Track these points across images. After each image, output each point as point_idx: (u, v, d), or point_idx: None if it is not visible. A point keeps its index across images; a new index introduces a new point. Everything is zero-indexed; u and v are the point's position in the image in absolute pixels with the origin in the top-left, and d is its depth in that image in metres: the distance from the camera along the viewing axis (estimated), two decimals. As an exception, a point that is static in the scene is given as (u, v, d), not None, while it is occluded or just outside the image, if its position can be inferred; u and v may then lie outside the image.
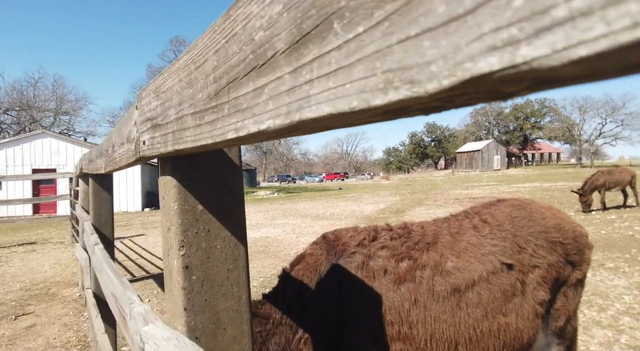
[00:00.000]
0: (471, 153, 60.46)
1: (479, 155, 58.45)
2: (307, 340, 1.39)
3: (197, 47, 0.55)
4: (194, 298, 0.86)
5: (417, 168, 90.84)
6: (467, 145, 65.70)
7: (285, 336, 1.41)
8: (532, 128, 67.15)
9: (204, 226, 0.89)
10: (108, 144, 1.65)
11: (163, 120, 0.73)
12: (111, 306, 1.55)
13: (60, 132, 36.16)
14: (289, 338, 1.41)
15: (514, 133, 69.59)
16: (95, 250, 2.20)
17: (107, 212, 3.23)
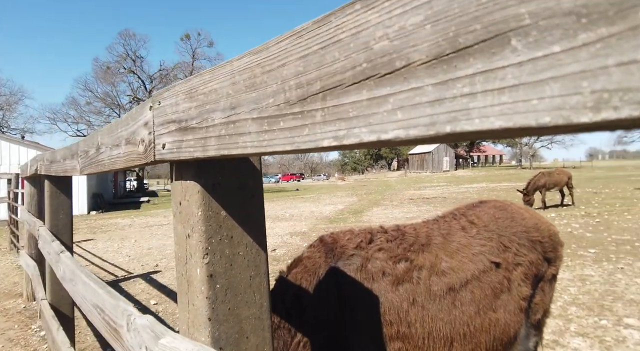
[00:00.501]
0: (422, 155, 62.83)
1: (430, 156, 60.88)
2: (306, 343, 1.38)
3: (267, 50, 0.53)
4: (218, 308, 0.83)
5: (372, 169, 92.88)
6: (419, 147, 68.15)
7: (284, 339, 1.39)
8: (478, 131, 70.57)
9: (227, 232, 0.86)
10: (88, 145, 1.54)
11: (201, 123, 0.69)
12: (93, 319, 1.45)
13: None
14: (287, 342, 1.40)
15: (462, 137, 72.81)
16: (61, 258, 2.04)
17: (65, 217, 3.01)
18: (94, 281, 1.50)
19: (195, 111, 0.72)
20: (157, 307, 4.77)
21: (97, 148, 1.41)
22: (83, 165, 1.63)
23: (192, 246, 0.85)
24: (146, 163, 0.95)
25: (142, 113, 0.97)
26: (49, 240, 2.58)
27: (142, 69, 35.64)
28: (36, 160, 3.08)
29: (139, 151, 0.99)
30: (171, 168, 0.93)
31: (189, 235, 0.86)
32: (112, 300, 1.26)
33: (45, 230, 2.84)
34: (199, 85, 0.71)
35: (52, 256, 2.34)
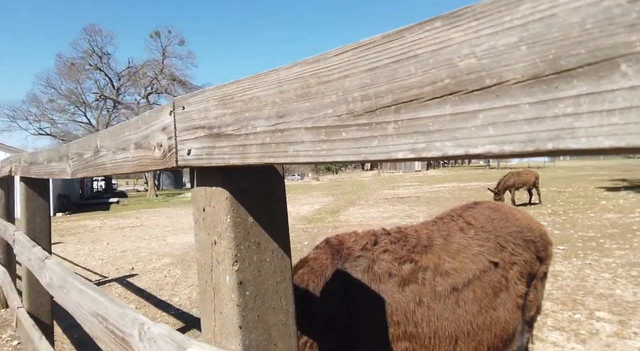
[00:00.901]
0: (395, 155, 63.68)
1: (403, 156, 61.83)
2: (312, 344, 1.39)
3: (324, 61, 0.54)
4: (248, 315, 0.83)
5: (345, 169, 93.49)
6: (392, 147, 68.95)
7: None
8: (449, 132, 72.59)
9: (254, 239, 0.86)
10: (83, 148, 1.48)
11: (238, 130, 0.69)
12: (93, 327, 1.40)
13: (-55, 126, 31.20)
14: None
15: (433, 137, 74.58)
16: (47, 264, 1.96)
17: (42, 221, 2.88)
18: (92, 289, 1.46)
19: (231, 118, 0.71)
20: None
21: (95, 152, 1.36)
22: (76, 168, 1.57)
23: (220, 253, 0.84)
24: (165, 168, 0.93)
25: (158, 117, 0.94)
26: (29, 245, 2.46)
27: (109, 66, 34.42)
28: (10, 162, 2.93)
29: (154, 156, 0.97)
30: (192, 174, 0.92)
31: (215, 242, 0.85)
32: (117, 308, 1.23)
33: (23, 235, 2.71)
34: (236, 92, 0.70)
35: (34, 262, 2.24)
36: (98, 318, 1.34)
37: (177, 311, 4.66)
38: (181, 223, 13.18)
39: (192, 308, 4.75)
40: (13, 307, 2.99)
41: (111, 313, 1.24)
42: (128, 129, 1.12)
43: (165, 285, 5.74)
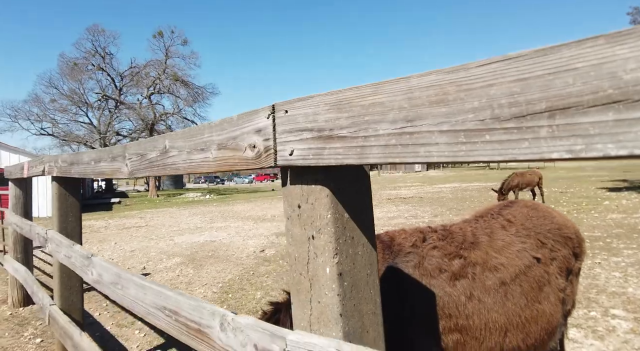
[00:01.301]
0: (395, 156, 63.89)
1: (402, 157, 62.03)
2: None
3: (465, 71, 0.59)
4: (346, 304, 0.88)
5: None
6: (392, 148, 69.20)
7: None
8: (448, 133, 72.99)
9: (349, 233, 0.91)
10: (145, 149, 1.54)
11: (356, 133, 0.74)
12: (158, 320, 1.45)
13: (-54, 126, 31.17)
14: None
15: (433, 138, 74.92)
16: (95, 261, 2.01)
17: (74, 220, 2.93)
18: (157, 284, 1.51)
19: (346, 121, 0.77)
20: (155, 311, 4.68)
21: (162, 152, 1.42)
22: (135, 167, 1.62)
23: (319, 246, 0.89)
24: (259, 167, 0.99)
25: (252, 120, 1.00)
26: (67, 243, 2.51)
27: (111, 66, 34.44)
28: (42, 162, 2.98)
29: (245, 156, 1.02)
30: (284, 174, 0.97)
31: (313, 236, 0.91)
32: (191, 301, 1.28)
33: (58, 234, 2.76)
34: (354, 98, 0.76)
35: (75, 260, 2.29)
36: (165, 311, 1.40)
37: (195, 309, 4.71)
38: (186, 223, 13.22)
39: (209, 306, 4.79)
40: (44, 305, 3.04)
41: (183, 306, 1.30)
42: (209, 131, 1.18)
43: (179, 285, 5.79)
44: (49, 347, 3.76)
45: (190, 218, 14.69)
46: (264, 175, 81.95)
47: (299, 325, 0.96)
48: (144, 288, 1.53)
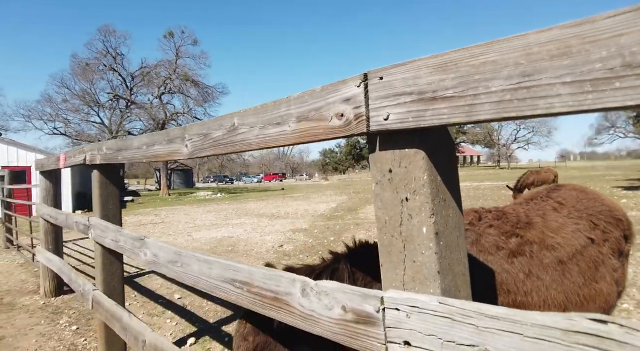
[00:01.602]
0: (404, 155, 63.62)
1: (412, 156, 61.74)
2: None
3: (591, 24, 0.63)
4: (443, 262, 0.92)
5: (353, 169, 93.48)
6: (400, 147, 68.91)
7: None
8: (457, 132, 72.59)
9: (442, 196, 0.95)
10: (209, 128, 1.59)
11: (463, 92, 0.78)
12: (226, 293, 1.50)
13: (-37, 126, 31.80)
14: None
15: (442, 137, 74.50)
16: (148, 243, 2.08)
17: (114, 207, 3.01)
18: (223, 258, 1.56)
19: (452, 82, 0.81)
20: (183, 301, 4.77)
21: (230, 130, 1.47)
22: (197, 147, 1.67)
23: (413, 208, 0.94)
24: (347, 135, 1.04)
25: (338, 90, 1.05)
26: (114, 228, 2.59)
27: (122, 66, 34.79)
28: (83, 151, 3.06)
29: (332, 125, 1.07)
30: (372, 140, 1.02)
31: (407, 199, 0.95)
32: (265, 271, 1.33)
33: (100, 220, 2.84)
34: (462, 58, 0.80)
35: (124, 243, 2.36)
36: (235, 284, 1.45)
37: (223, 300, 4.78)
38: (201, 220, 13.35)
39: (235, 297, 4.86)
40: (86, 290, 3.12)
41: (256, 277, 1.35)
42: (286, 105, 1.22)
43: (203, 277, 5.87)
44: (85, 334, 3.85)
45: (204, 215, 14.83)
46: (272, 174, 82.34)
47: (389, 285, 1.00)
48: (210, 263, 1.59)
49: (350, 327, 1.04)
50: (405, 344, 0.92)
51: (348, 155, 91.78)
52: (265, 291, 1.32)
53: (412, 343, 0.90)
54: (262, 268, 1.35)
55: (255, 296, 1.36)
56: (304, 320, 1.19)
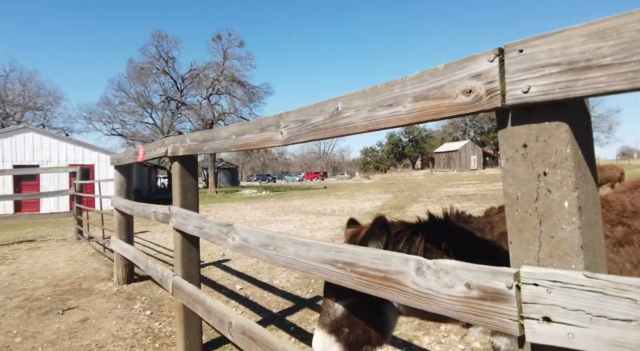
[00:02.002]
0: (449, 154, 61.96)
1: (457, 155, 60.00)
2: None
3: None
4: (585, 238, 0.90)
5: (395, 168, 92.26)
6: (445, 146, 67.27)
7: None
8: (506, 129, 69.53)
9: (582, 170, 0.93)
10: (307, 114, 1.64)
11: (626, 58, 0.76)
12: (326, 274, 1.54)
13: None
14: None
15: (489, 134, 71.81)
16: (238, 228, 2.17)
17: (193, 197, 3.17)
18: (322, 241, 1.61)
19: (611, 49, 0.79)
20: (245, 292, 4.94)
21: (332, 114, 1.51)
22: (294, 133, 1.73)
23: (553, 182, 0.92)
24: (476, 111, 1.04)
25: (466, 67, 1.05)
26: (198, 216, 2.73)
27: (174, 69, 36.50)
28: (164, 144, 3.25)
29: (458, 102, 1.07)
30: (503, 116, 1.01)
31: (545, 173, 0.93)
32: (372, 251, 1.35)
33: (183, 209, 3.00)
34: (623, 24, 0.77)
35: (209, 229, 2.48)
36: (337, 264, 1.48)
37: (282, 292, 4.90)
38: (251, 216, 13.72)
39: (294, 289, 4.96)
40: (164, 276, 3.31)
41: (363, 257, 1.37)
42: (400, 86, 1.24)
43: (261, 270, 6.04)
44: (159, 318, 4.08)
45: (253, 212, 15.23)
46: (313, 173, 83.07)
47: (520, 262, 0.99)
48: (308, 245, 1.64)
49: (475, 304, 1.04)
50: (545, 320, 0.90)
51: (390, 153, 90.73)
52: (372, 271, 1.34)
53: (554, 318, 0.88)
54: (369, 249, 1.38)
55: (361, 277, 1.38)
56: (418, 299, 1.20)
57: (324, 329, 1.55)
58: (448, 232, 1.61)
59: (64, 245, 9.00)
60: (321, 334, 1.55)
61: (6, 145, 18.55)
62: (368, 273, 1.36)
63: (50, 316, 4.25)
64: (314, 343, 1.57)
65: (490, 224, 1.61)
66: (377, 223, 1.56)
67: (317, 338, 1.56)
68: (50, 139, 19.58)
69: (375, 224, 1.56)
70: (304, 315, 4.07)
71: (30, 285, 5.57)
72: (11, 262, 7.28)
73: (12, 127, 19.95)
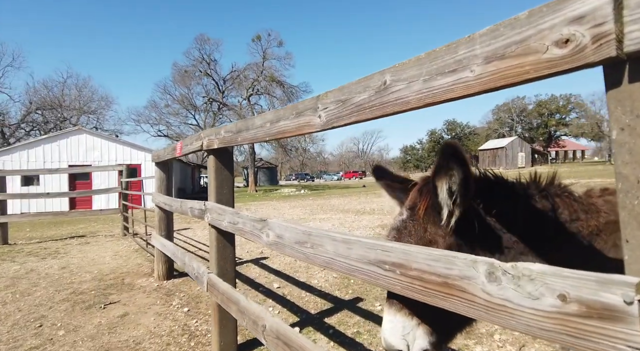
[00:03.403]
0: (494, 151, 59.36)
1: (503, 152, 57.33)
2: None
3: None
4: None
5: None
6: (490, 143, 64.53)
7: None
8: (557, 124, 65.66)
9: None
10: (349, 92, 1.42)
11: None
12: (370, 276, 1.32)
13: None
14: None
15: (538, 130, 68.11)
16: (272, 223, 2.00)
17: (228, 192, 3.05)
18: (366, 237, 1.39)
19: None
20: (282, 291, 4.80)
21: (378, 90, 1.28)
22: (334, 116, 1.52)
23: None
24: (575, 66, 0.78)
25: (560, 10, 0.79)
26: (232, 211, 2.59)
27: (215, 71, 37.47)
28: (200, 137, 3.15)
29: (549, 57, 0.81)
30: (615, 71, 0.74)
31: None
32: (428, 251, 1.12)
33: (217, 204, 2.88)
34: None
35: (244, 225, 2.33)
36: (384, 266, 1.26)
37: (320, 292, 4.72)
38: (289, 214, 13.69)
39: (333, 290, 4.76)
40: (200, 273, 3.22)
41: (417, 258, 1.14)
42: (467, 46, 0.99)
43: (299, 268, 5.89)
44: (196, 316, 4.02)
45: (291, 210, 15.21)
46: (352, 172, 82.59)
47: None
48: (349, 243, 1.42)
49: (573, 323, 0.78)
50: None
51: (431, 151, 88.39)
52: (428, 275, 1.11)
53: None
54: (425, 249, 1.14)
55: (414, 281, 1.15)
56: (490, 312, 0.95)
57: (400, 310, 1.23)
58: (554, 206, 1.23)
59: (111, 240, 9.35)
60: (397, 316, 1.23)
61: (62, 146, 19.74)
62: (423, 278, 1.13)
63: (92, 310, 4.31)
64: (387, 327, 1.24)
65: (595, 207, 1.25)
66: (448, 149, 1.09)
67: (392, 321, 1.23)
68: (102, 140, 20.64)
69: (446, 150, 1.10)
70: (343, 318, 3.86)
71: (77, 279, 5.74)
72: (62, 256, 7.61)
73: (67, 130, 21.21)
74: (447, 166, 1.12)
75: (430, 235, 1.26)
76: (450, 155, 1.10)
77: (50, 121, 38.75)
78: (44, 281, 5.68)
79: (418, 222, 1.29)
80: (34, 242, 9.50)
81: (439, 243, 1.25)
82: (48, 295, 4.94)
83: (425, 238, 1.27)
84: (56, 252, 8.09)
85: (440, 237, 1.25)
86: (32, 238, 10.22)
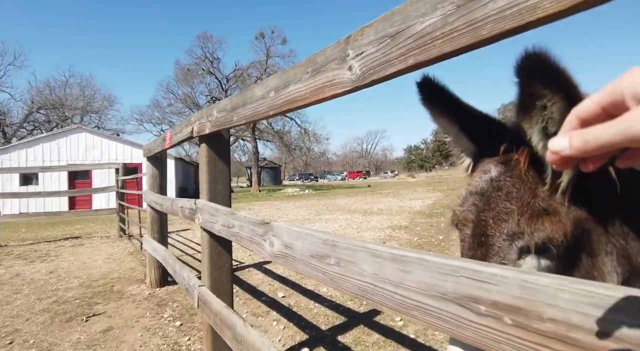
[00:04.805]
0: (500, 151, 58.49)
1: (509, 152, 56.48)
2: None
3: None
4: None
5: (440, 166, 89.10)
6: (495, 143, 63.57)
7: None
8: (564, 124, 64.77)
9: None
10: (408, 19, 0.89)
11: None
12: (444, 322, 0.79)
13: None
14: None
15: (544, 130, 67.16)
16: (278, 227, 1.46)
17: (224, 188, 2.51)
18: (431, 254, 0.85)
19: None
20: (288, 301, 4.26)
21: (463, 3, 0.75)
22: (374, 62, 0.97)
23: None
24: None
25: None
26: (225, 211, 2.06)
27: (218, 70, 36.98)
28: (190, 122, 2.63)
29: None
30: None
31: None
32: (559, 281, 0.58)
33: (208, 203, 2.35)
34: None
35: (241, 229, 1.79)
36: (477, 307, 0.72)
37: (331, 302, 4.17)
38: (294, 215, 13.16)
39: (345, 300, 4.22)
40: (190, 286, 2.69)
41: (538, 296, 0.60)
42: None
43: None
44: (189, 332, 3.49)
45: (296, 210, 14.67)
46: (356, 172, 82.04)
47: None
48: (403, 262, 0.88)
49: None
50: None
51: (435, 151, 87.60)
52: (583, 334, 0.56)
53: None
54: (567, 279, 0.60)
55: (547, 342, 0.61)
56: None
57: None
58: None
59: (106, 242, 8.85)
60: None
61: (62, 145, 19.30)
62: (568, 337, 0.59)
63: (73, 323, 3.79)
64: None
65: None
66: (528, 64, 0.61)
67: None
68: (102, 139, 20.19)
69: (525, 66, 0.61)
70: (359, 335, 3.32)
71: (63, 285, 5.24)
72: (52, 259, 7.11)
73: (66, 128, 20.78)
74: (536, 93, 0.62)
75: (544, 202, 0.74)
76: (535, 73, 0.60)
77: (53, 120, 38.46)
78: (28, 287, 5.18)
79: (521, 180, 0.78)
80: (26, 244, 9.02)
81: (560, 215, 0.72)
82: (28, 304, 4.43)
83: (535, 206, 0.74)
84: (47, 254, 7.59)
85: (561, 205, 0.72)
86: (25, 240, 9.75)
